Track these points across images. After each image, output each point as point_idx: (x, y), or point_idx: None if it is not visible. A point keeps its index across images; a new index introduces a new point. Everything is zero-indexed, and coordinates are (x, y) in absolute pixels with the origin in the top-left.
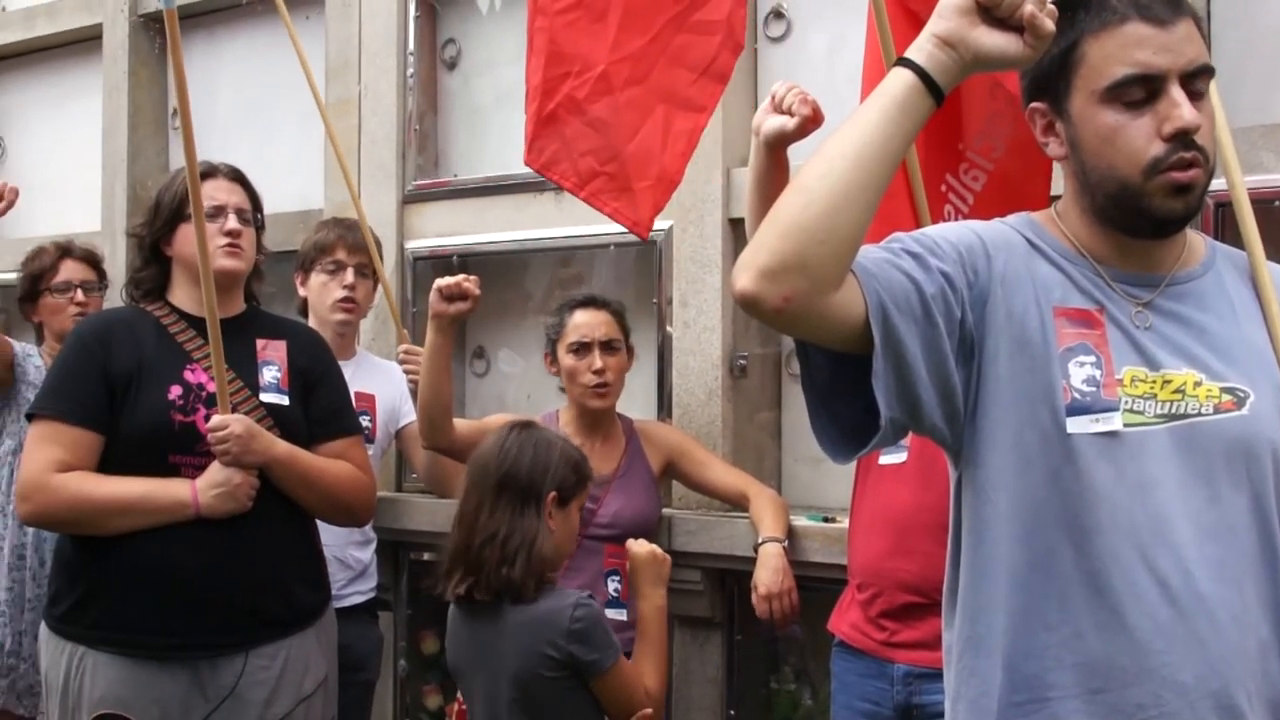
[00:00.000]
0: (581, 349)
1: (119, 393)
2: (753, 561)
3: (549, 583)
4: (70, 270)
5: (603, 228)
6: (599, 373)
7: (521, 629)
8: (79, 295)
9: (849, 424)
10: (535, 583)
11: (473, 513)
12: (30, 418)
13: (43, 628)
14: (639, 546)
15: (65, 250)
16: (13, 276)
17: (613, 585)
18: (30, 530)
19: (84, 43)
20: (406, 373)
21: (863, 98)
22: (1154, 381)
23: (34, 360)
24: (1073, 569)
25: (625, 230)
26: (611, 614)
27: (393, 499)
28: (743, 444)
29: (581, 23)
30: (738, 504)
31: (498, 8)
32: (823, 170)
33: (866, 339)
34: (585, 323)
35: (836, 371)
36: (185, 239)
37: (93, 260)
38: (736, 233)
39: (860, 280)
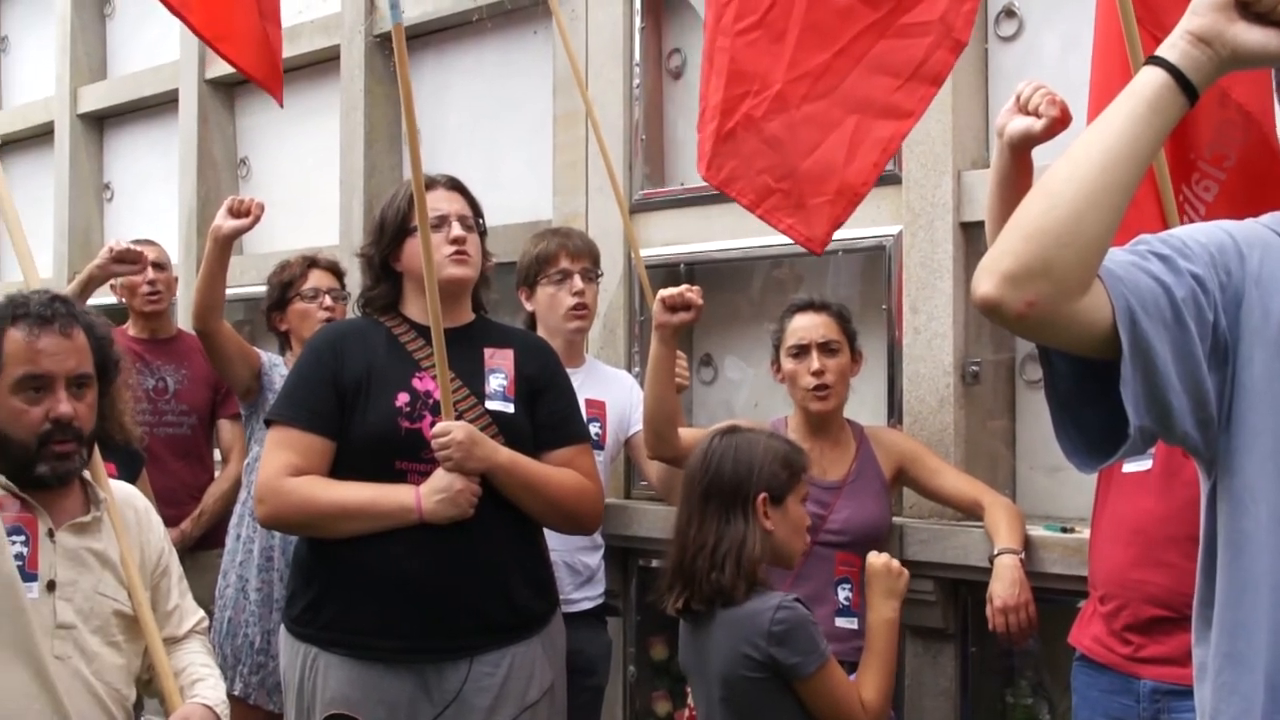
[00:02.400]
0: (801, 352)
1: (349, 400)
2: (987, 572)
3: (761, 584)
4: (318, 278)
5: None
6: (817, 374)
7: (726, 630)
8: (326, 300)
9: (1095, 432)
10: (746, 585)
11: (684, 527)
12: (268, 423)
13: (281, 628)
14: (876, 558)
15: (312, 261)
16: (256, 289)
17: (843, 594)
18: (277, 534)
19: (322, 64)
20: None
21: (1091, 99)
22: None
23: (280, 369)
24: None
25: (853, 238)
26: (841, 622)
27: (622, 505)
28: (975, 452)
29: (761, 43)
30: (971, 513)
31: None
32: (1068, 172)
33: (1113, 345)
34: (804, 325)
35: (1081, 378)
36: (413, 252)
37: (336, 271)
38: (968, 237)
39: (1106, 284)
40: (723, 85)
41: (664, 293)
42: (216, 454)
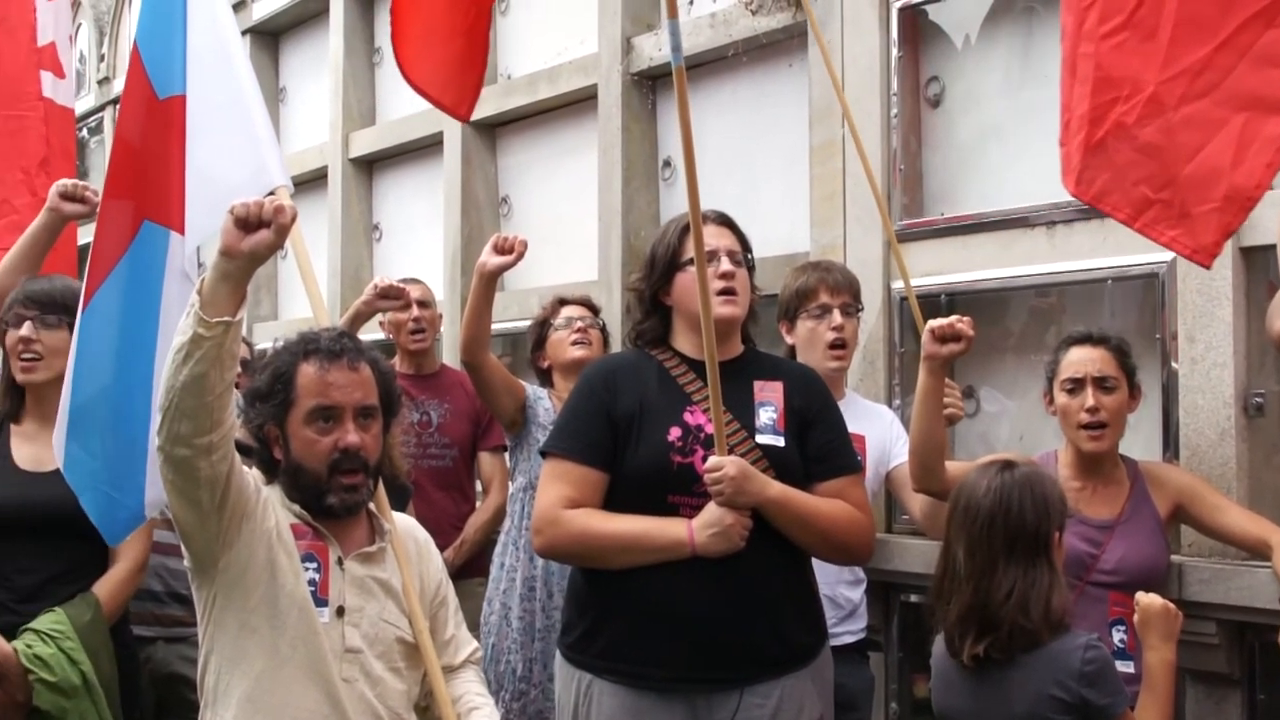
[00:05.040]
0: (1076, 387)
1: (622, 432)
2: (1276, 614)
3: (1065, 627)
4: (569, 310)
5: (1099, 261)
6: (1092, 411)
7: (1029, 673)
8: (577, 324)
9: None
10: (1050, 629)
11: (983, 572)
12: (543, 455)
13: (558, 654)
14: (1149, 599)
15: (562, 300)
16: (519, 325)
17: (1118, 635)
18: (539, 563)
19: (579, 103)
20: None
21: None
22: None
23: (543, 403)
24: None
25: (1123, 265)
26: (1119, 666)
27: (883, 540)
28: (1260, 488)
29: (1130, 44)
30: (1257, 552)
31: (973, 41)
32: None
33: None
34: (1080, 359)
35: None
36: (683, 287)
37: (588, 305)
38: (1249, 263)
39: None
40: (1088, 93)
41: (933, 323)
42: (477, 485)
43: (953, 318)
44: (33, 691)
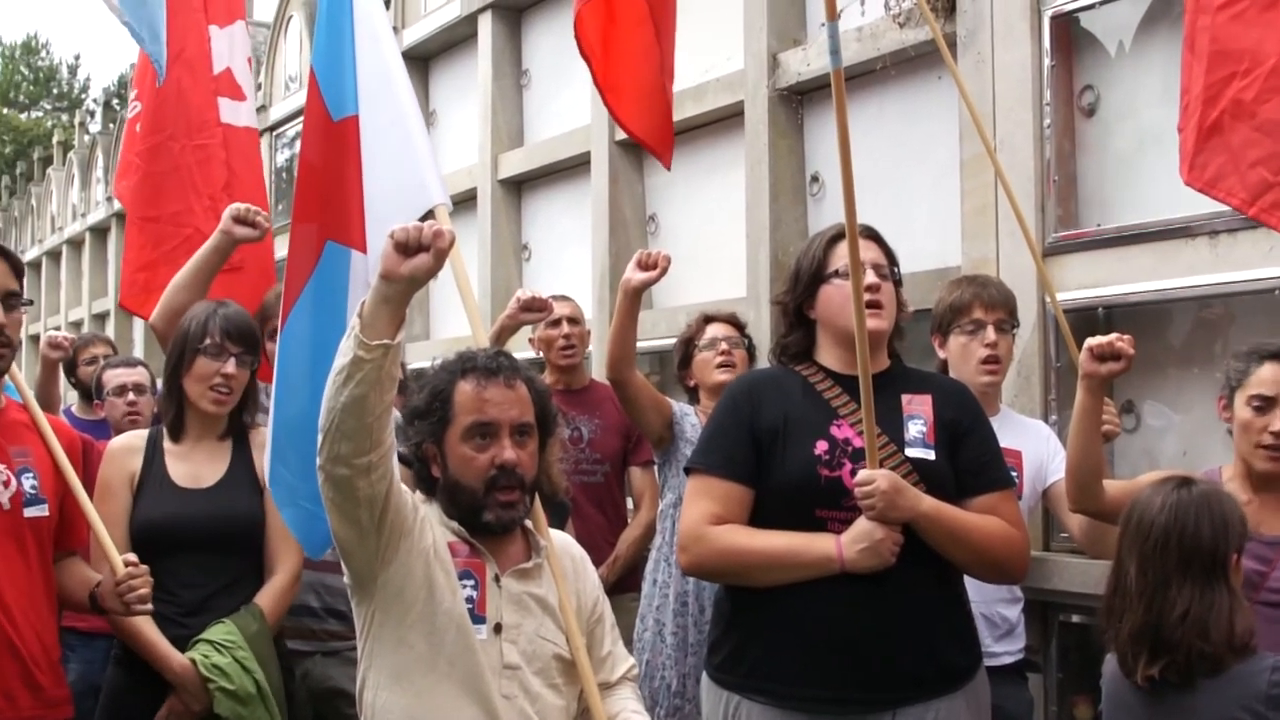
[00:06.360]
0: (1265, 405)
1: (767, 447)
2: None
3: (1250, 650)
4: (714, 330)
5: (1266, 271)
6: (1277, 435)
7: (1213, 697)
8: (722, 346)
9: None
10: (1234, 653)
11: (1155, 590)
12: (688, 471)
13: (704, 674)
14: None
15: (709, 317)
16: (665, 342)
17: None
18: (691, 578)
19: (726, 120)
20: None
21: None
22: None
23: (690, 419)
24: None
25: None
26: None
27: (1041, 558)
28: None
29: (1249, 13)
30: None
31: (1127, 48)
32: None
33: None
34: (1273, 378)
35: None
36: (827, 301)
37: (734, 322)
38: None
39: None
40: (1203, 71)
41: (1092, 341)
42: (628, 500)
43: (1112, 336)
44: (213, 700)
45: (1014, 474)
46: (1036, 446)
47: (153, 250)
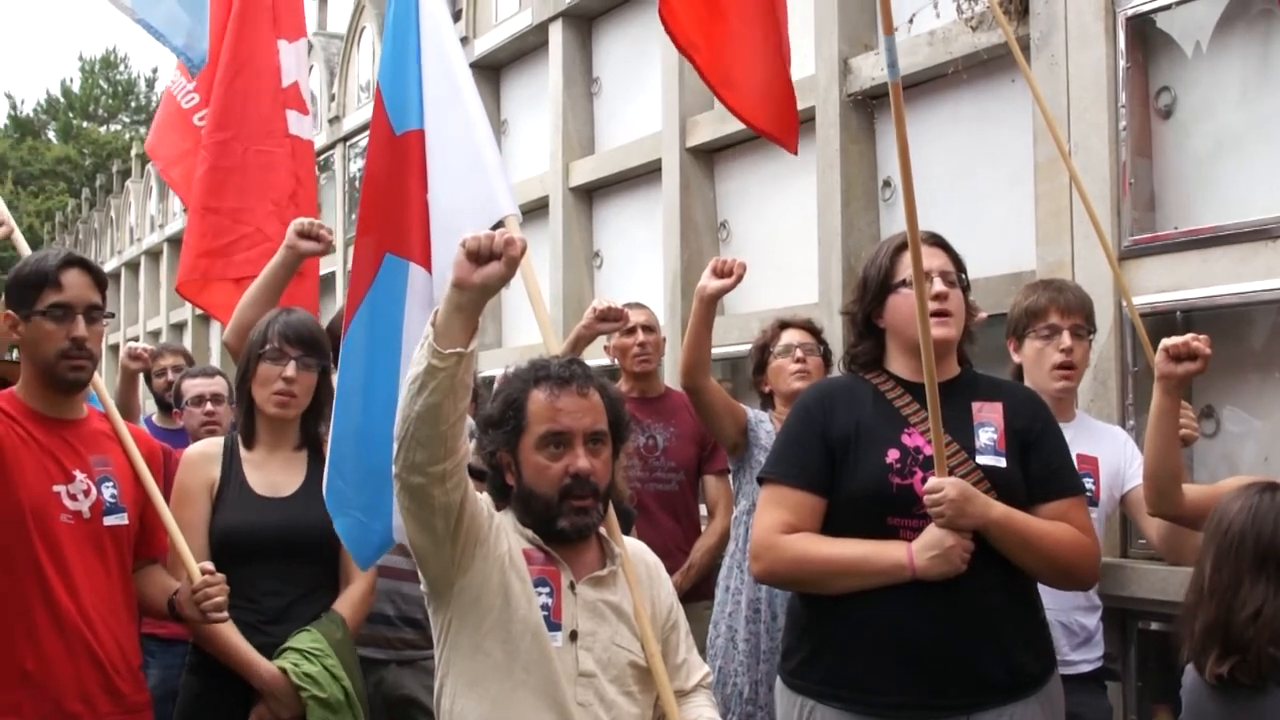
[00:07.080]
0: None
1: (839, 456)
2: None
3: None
4: (790, 336)
5: None
6: None
7: None
8: (798, 353)
9: None
10: None
11: (1227, 587)
12: (760, 481)
13: (778, 680)
14: None
15: (784, 323)
16: (739, 349)
17: None
18: (764, 586)
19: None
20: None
21: None
22: None
23: (765, 425)
24: None
25: None
26: None
27: (1119, 565)
28: None
29: None
30: None
31: (1204, 49)
32: None
33: None
34: None
35: None
36: (895, 309)
37: (809, 328)
38: None
39: None
40: None
41: (1167, 342)
42: (702, 508)
43: (1187, 336)
44: (306, 708)
45: (1090, 480)
46: (1113, 452)
47: (213, 239)
